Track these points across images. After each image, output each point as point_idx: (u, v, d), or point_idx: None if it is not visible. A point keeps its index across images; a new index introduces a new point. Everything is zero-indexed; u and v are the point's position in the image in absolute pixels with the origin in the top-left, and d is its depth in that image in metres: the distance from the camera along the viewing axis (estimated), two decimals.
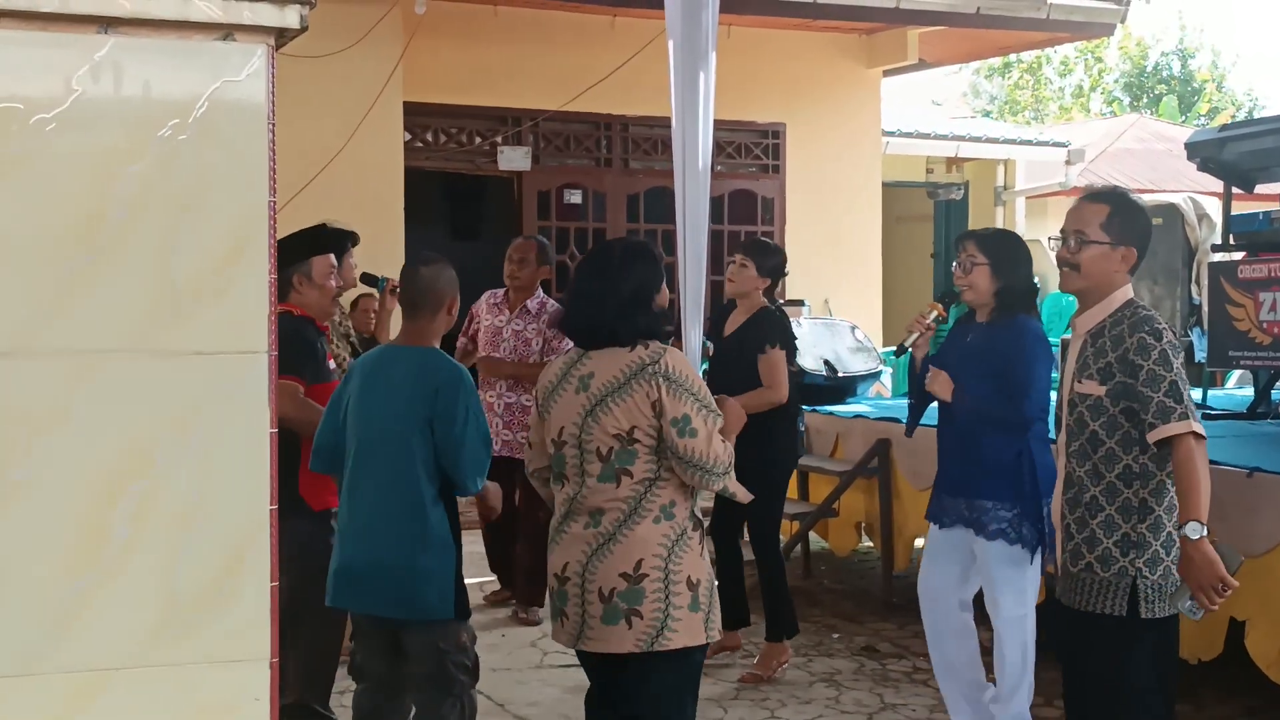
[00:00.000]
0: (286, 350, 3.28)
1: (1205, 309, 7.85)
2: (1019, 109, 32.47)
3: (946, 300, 5.02)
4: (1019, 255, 4.74)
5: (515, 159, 10.70)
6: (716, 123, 6.34)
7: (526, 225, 10.61)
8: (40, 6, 2.51)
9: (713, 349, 6.08)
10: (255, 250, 2.68)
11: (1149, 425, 3.47)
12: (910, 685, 5.75)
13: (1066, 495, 3.72)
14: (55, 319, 2.56)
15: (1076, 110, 32.15)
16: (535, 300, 6.73)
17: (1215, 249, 8.01)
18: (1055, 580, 3.85)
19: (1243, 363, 7.50)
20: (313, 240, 4.68)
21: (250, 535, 2.69)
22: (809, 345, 8.24)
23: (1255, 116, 25.88)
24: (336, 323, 5.71)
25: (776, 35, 11.20)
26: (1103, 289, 3.67)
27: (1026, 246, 4.84)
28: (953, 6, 10.18)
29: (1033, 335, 4.63)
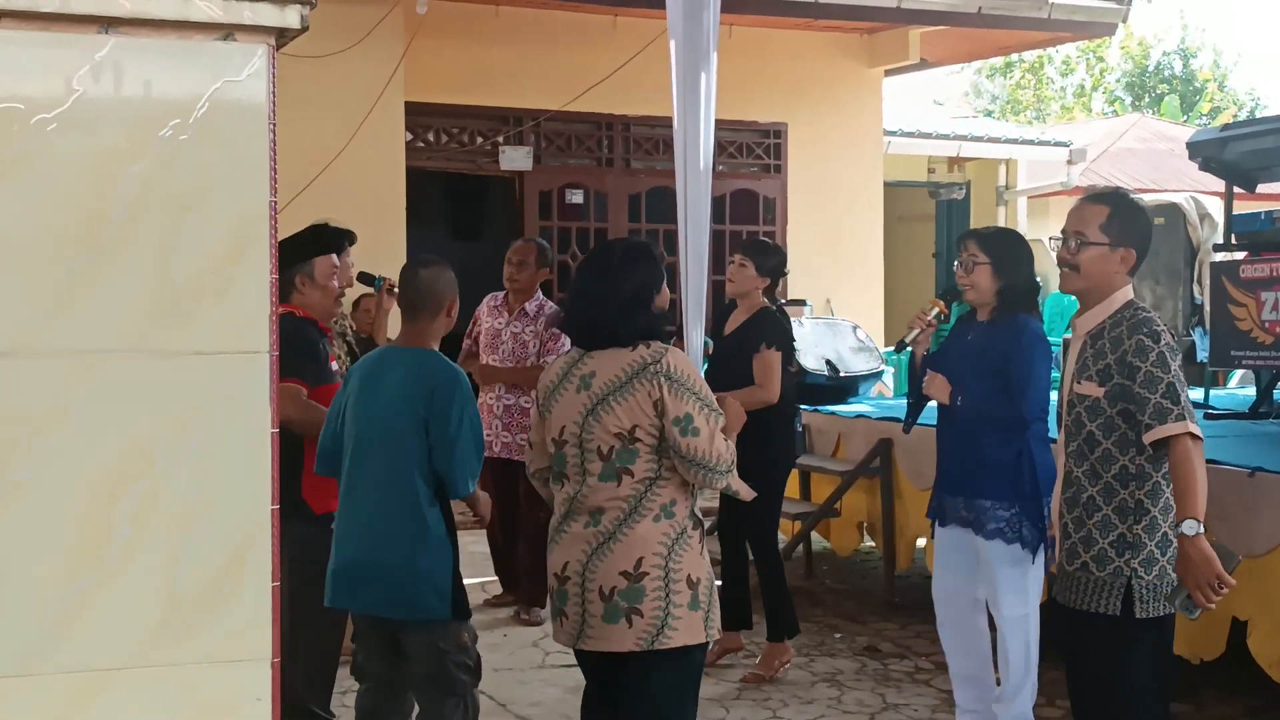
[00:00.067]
0: (288, 352, 3.27)
1: (1207, 309, 7.84)
2: (1021, 108, 32.45)
3: (949, 298, 5.02)
4: (1020, 254, 4.74)
5: (517, 159, 10.70)
6: (718, 122, 6.34)
7: (528, 225, 10.61)
8: (41, 6, 2.51)
9: (712, 348, 6.08)
10: (256, 250, 2.68)
11: (1145, 426, 3.47)
12: (912, 685, 5.74)
13: (1065, 494, 3.72)
14: (56, 319, 2.56)
15: (1078, 110, 32.12)
16: (534, 303, 6.72)
17: (1217, 248, 8.01)
18: (1054, 580, 3.85)
19: (1245, 362, 7.49)
20: (314, 240, 4.67)
21: (251, 535, 2.69)
22: (811, 345, 8.24)
23: (1257, 116, 25.90)
24: (334, 322, 5.70)
25: (778, 35, 11.20)
26: (1103, 290, 3.67)
27: (1028, 245, 4.83)
28: (954, 6, 10.17)
29: (1032, 335, 4.63)
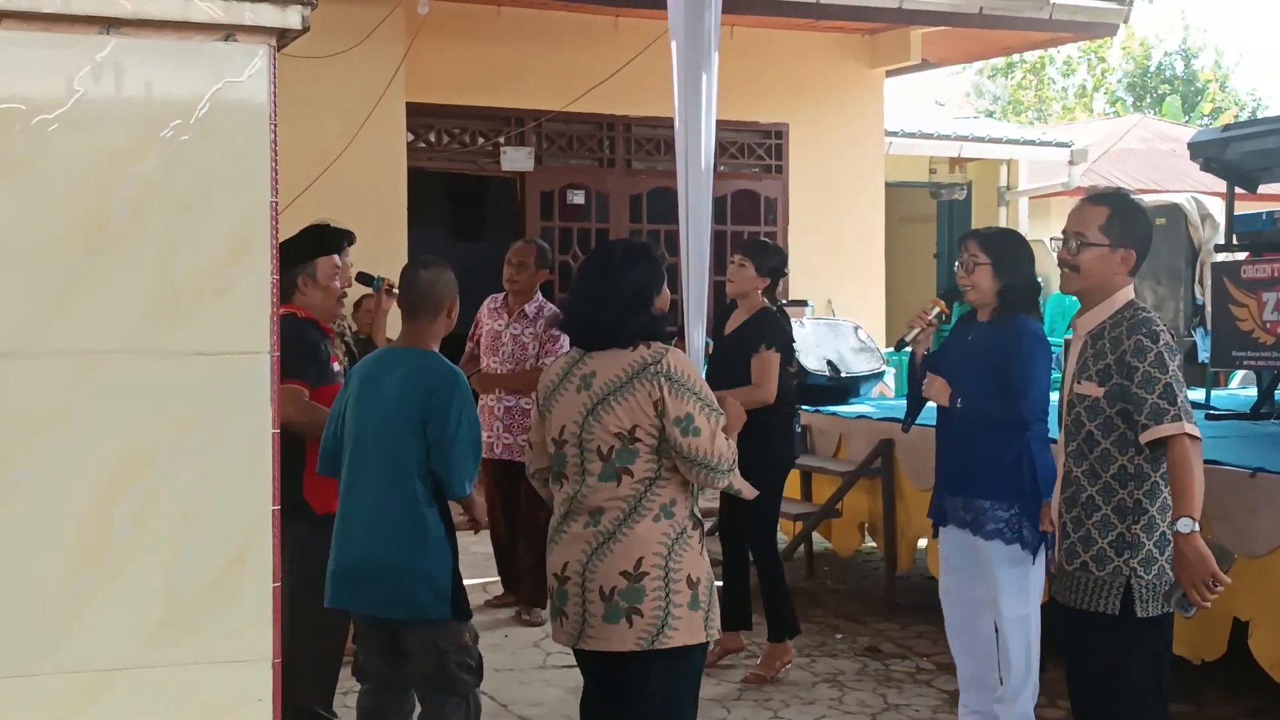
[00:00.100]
0: (290, 353, 3.27)
1: (1208, 309, 7.84)
2: (1022, 109, 32.44)
3: (950, 297, 5.01)
4: (1021, 254, 4.73)
5: (518, 159, 10.70)
6: (719, 123, 6.34)
7: (529, 226, 10.60)
8: (42, 7, 2.51)
9: (712, 348, 6.08)
10: (257, 250, 2.68)
11: (1141, 426, 3.48)
12: (914, 686, 5.74)
13: (1064, 494, 3.72)
14: (57, 319, 2.56)
15: (1080, 110, 32.11)
16: (533, 304, 6.72)
17: (1218, 249, 8.01)
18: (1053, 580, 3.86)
19: (1246, 363, 7.49)
20: (317, 241, 4.67)
21: (251, 535, 2.69)
22: (812, 345, 8.24)
23: (1258, 116, 25.88)
24: (334, 323, 5.70)
25: (779, 35, 11.20)
26: (1103, 290, 3.67)
27: (1029, 245, 4.83)
28: (956, 6, 10.17)
29: (1032, 335, 4.63)
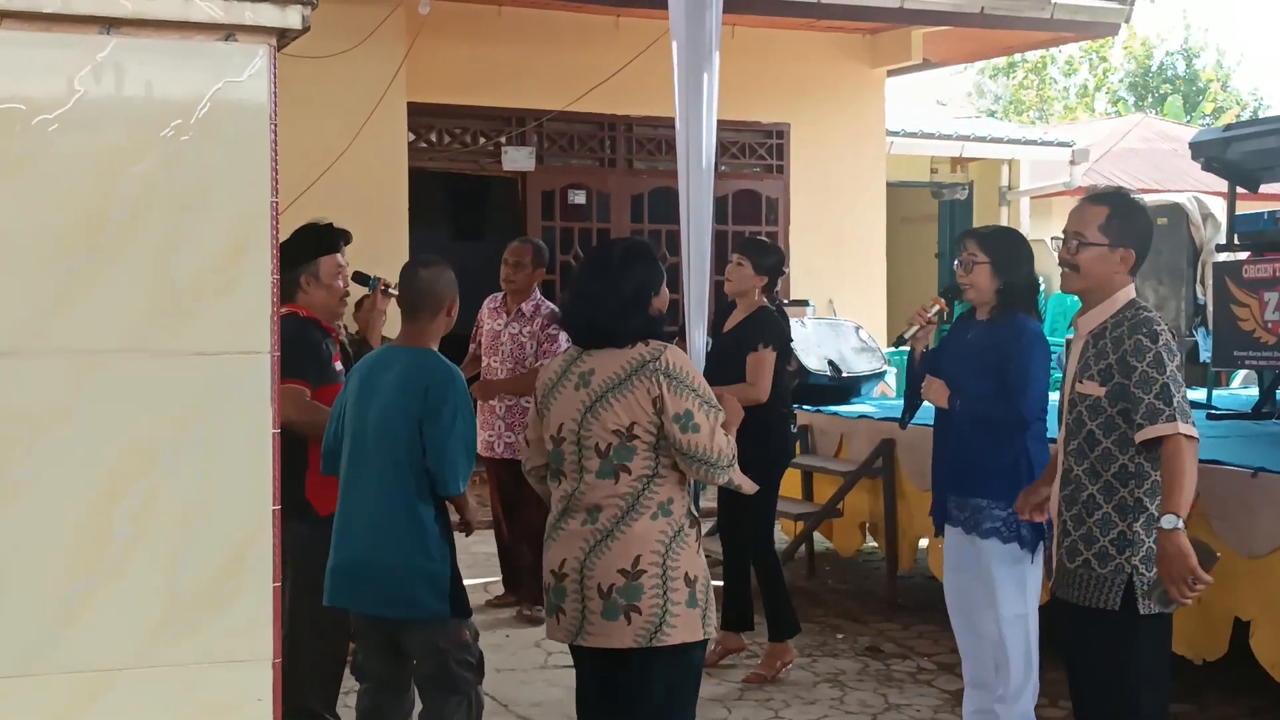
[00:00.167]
0: (291, 353, 3.27)
1: (1210, 309, 7.84)
2: (1023, 109, 32.42)
3: (950, 295, 5.01)
4: (1020, 253, 4.73)
5: (519, 159, 10.71)
6: (720, 123, 6.34)
7: (530, 226, 10.61)
8: (42, 7, 2.51)
9: (711, 345, 6.08)
10: (257, 250, 2.68)
11: (1137, 426, 3.51)
12: (915, 686, 5.74)
13: (1063, 492, 3.72)
14: (57, 318, 2.56)
15: (1081, 110, 32.09)
16: (530, 303, 6.71)
17: (1220, 249, 8.00)
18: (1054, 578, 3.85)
19: (1247, 363, 7.49)
20: (319, 240, 4.67)
21: (252, 535, 2.69)
22: (813, 345, 8.24)
23: (1260, 116, 25.87)
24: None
25: (780, 35, 11.20)
26: (1103, 290, 3.67)
27: (1028, 244, 4.83)
28: (957, 6, 10.17)
29: (1031, 334, 4.62)
